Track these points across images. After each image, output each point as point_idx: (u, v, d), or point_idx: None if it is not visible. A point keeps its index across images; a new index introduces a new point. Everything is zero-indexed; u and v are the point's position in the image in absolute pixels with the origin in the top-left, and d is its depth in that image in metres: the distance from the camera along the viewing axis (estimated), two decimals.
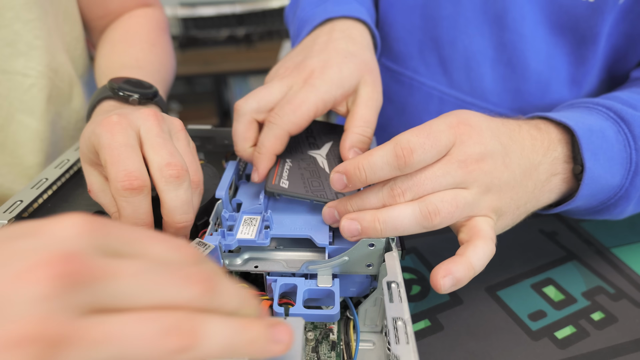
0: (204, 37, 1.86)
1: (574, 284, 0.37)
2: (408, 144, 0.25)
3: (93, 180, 0.29)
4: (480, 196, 0.27)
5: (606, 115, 0.33)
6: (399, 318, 0.22)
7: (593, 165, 0.30)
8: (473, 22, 0.47)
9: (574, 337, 0.33)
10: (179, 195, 0.27)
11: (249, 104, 0.33)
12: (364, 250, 0.27)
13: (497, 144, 0.28)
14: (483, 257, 0.26)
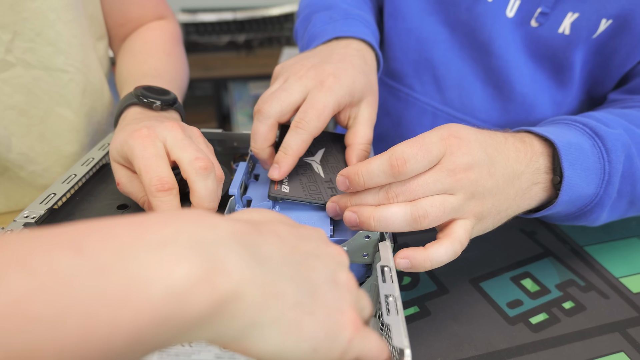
0: (205, 42, 1.90)
1: (549, 277, 0.41)
2: (402, 155, 0.28)
3: (121, 174, 0.34)
4: (465, 202, 0.30)
5: (582, 131, 0.36)
6: (390, 295, 0.26)
7: (571, 174, 0.33)
8: (465, 48, 0.52)
9: (546, 323, 0.36)
10: (207, 185, 0.30)
11: (273, 107, 0.35)
12: (361, 242, 0.31)
13: (483, 154, 0.31)
14: (443, 255, 0.30)
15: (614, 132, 0.36)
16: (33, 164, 0.48)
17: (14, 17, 0.42)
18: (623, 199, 0.37)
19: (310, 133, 0.35)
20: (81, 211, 0.34)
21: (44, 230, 0.15)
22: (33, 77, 0.45)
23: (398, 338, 0.23)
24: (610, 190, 0.35)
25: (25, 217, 0.32)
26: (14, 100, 0.44)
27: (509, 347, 0.34)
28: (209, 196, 0.31)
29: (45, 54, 0.45)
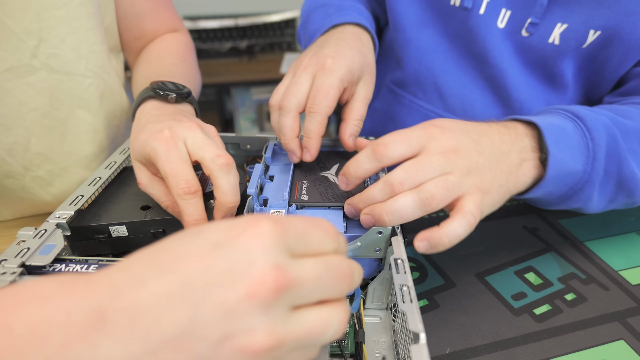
0: (208, 49, 1.92)
1: (551, 271, 0.43)
2: (382, 140, 0.32)
3: (142, 175, 0.35)
4: (464, 177, 0.31)
5: (564, 115, 0.39)
6: (404, 285, 0.27)
7: (556, 150, 0.34)
8: (463, 57, 0.55)
9: (549, 313, 0.38)
10: (230, 180, 0.32)
11: (291, 101, 0.39)
12: (374, 237, 0.33)
13: (467, 138, 0.33)
14: (458, 228, 0.30)
15: (595, 115, 0.38)
16: (51, 163, 0.50)
17: (39, 25, 0.44)
18: (611, 179, 0.38)
19: (323, 114, 0.39)
20: (107, 212, 0.36)
21: None
22: (56, 81, 0.47)
23: (413, 323, 0.25)
24: (596, 167, 0.36)
25: (57, 217, 0.34)
26: (37, 103, 0.47)
27: (515, 337, 0.36)
28: (231, 190, 0.32)
29: (68, 60, 0.47)
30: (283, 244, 0.19)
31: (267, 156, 0.44)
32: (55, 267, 0.30)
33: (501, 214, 0.51)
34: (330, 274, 0.20)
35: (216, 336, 0.17)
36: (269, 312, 0.18)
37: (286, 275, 0.18)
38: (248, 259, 0.18)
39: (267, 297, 0.17)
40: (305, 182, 0.39)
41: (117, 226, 0.35)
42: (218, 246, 0.18)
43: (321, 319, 0.20)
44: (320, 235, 0.21)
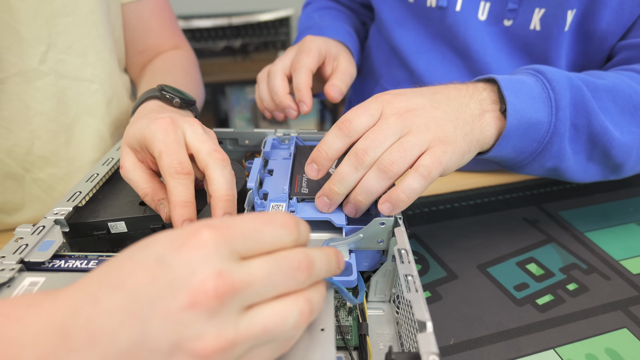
0: (201, 48, 1.91)
1: (552, 262, 0.43)
2: (346, 117, 0.33)
3: (127, 159, 0.34)
4: (423, 133, 0.32)
5: (526, 72, 0.39)
6: (409, 274, 0.27)
7: (514, 99, 0.34)
8: (447, 56, 0.56)
9: (552, 303, 0.38)
10: (225, 174, 0.32)
11: (277, 65, 0.48)
12: (376, 228, 0.33)
13: (420, 98, 0.34)
14: (412, 183, 0.31)
15: (558, 70, 0.37)
16: (54, 167, 0.50)
17: (49, 31, 0.44)
18: (581, 134, 0.38)
19: (306, 66, 0.46)
20: (105, 208, 0.36)
21: None
22: (63, 87, 0.47)
23: (420, 312, 0.24)
24: (561, 117, 0.36)
25: (55, 213, 0.33)
26: (44, 107, 0.47)
27: (518, 327, 0.36)
28: (226, 183, 0.32)
29: (75, 65, 0.48)
30: (227, 250, 0.19)
31: (266, 150, 0.43)
32: (54, 263, 0.30)
33: (501, 206, 0.51)
34: (282, 270, 0.20)
35: (166, 346, 0.18)
36: (214, 317, 0.18)
37: (228, 280, 0.19)
38: (189, 270, 0.19)
39: (210, 304, 0.18)
40: (305, 176, 0.39)
41: (116, 222, 0.35)
42: (161, 260, 0.19)
43: (276, 312, 0.20)
44: (274, 230, 0.21)
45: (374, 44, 0.66)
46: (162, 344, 0.18)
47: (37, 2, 0.43)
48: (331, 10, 0.66)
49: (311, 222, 0.36)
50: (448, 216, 0.49)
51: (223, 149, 0.48)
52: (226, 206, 0.32)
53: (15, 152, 0.47)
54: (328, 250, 0.24)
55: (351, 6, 0.70)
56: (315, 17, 0.63)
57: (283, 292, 0.21)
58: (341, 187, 0.33)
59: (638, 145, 0.40)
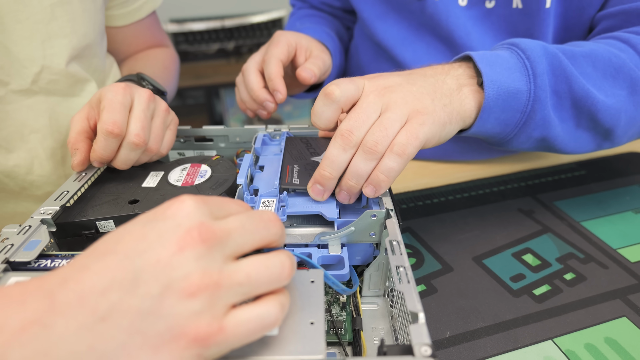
0: (195, 51, 1.91)
1: (549, 252, 0.43)
2: (331, 85, 0.33)
3: (79, 112, 0.39)
4: (401, 107, 0.32)
5: (501, 47, 0.39)
6: (401, 266, 0.27)
7: (490, 70, 0.34)
8: (432, 44, 0.56)
9: (549, 294, 0.38)
10: (129, 155, 0.38)
11: (249, 63, 0.51)
12: (368, 221, 0.32)
13: (397, 77, 0.35)
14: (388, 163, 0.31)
15: (531, 40, 0.37)
16: (52, 185, 0.50)
17: (44, 52, 0.45)
18: (565, 100, 0.37)
19: (276, 57, 0.48)
20: (93, 207, 0.35)
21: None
22: (53, 103, 0.48)
23: (411, 303, 0.24)
24: (540, 83, 0.35)
25: (42, 213, 0.32)
26: (38, 125, 0.47)
27: (515, 318, 0.35)
28: (124, 161, 0.38)
29: (67, 85, 0.48)
30: (206, 209, 0.22)
31: (256, 147, 0.43)
32: (40, 263, 0.29)
33: (496, 198, 0.51)
34: (254, 221, 0.23)
35: (157, 289, 0.19)
36: (201, 260, 0.20)
37: (210, 229, 0.20)
38: (175, 223, 0.20)
39: (196, 247, 0.20)
40: (295, 167, 0.38)
41: (104, 221, 0.34)
42: (148, 222, 0.21)
43: (258, 262, 0.21)
44: (236, 205, 0.24)
45: (359, 42, 0.66)
46: (153, 288, 0.19)
47: (34, 23, 0.44)
48: (312, 17, 0.67)
49: (302, 217, 0.36)
50: (443, 209, 0.49)
51: (214, 146, 0.48)
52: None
53: (15, 173, 0.47)
54: None
55: (333, 12, 0.71)
56: (297, 25, 0.64)
57: (260, 242, 0.23)
58: (332, 170, 0.33)
59: (626, 108, 0.39)
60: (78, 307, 0.18)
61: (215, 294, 0.20)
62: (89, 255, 0.20)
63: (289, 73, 0.54)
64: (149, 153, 0.40)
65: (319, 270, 0.27)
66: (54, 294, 0.18)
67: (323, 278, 0.26)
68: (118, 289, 0.19)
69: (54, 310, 0.18)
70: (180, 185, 0.39)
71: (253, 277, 0.21)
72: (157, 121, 0.40)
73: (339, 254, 0.32)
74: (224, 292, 0.20)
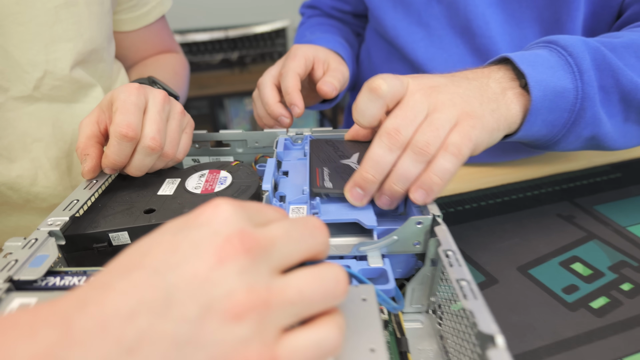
0: (199, 61, 1.89)
1: (598, 260, 0.39)
2: (377, 79, 0.30)
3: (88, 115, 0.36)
4: (450, 109, 0.30)
5: (536, 46, 0.36)
6: (463, 279, 0.23)
7: (533, 71, 0.32)
8: (446, 38, 0.53)
9: (608, 307, 0.34)
10: (144, 160, 0.35)
11: (265, 77, 0.48)
12: (412, 229, 0.29)
13: (441, 78, 0.32)
14: (443, 163, 0.28)
15: (569, 36, 0.35)
16: (58, 197, 0.47)
17: (46, 57, 0.42)
18: (612, 95, 0.35)
19: (293, 70, 0.45)
20: (106, 218, 0.32)
21: None
22: (56, 111, 0.45)
23: (485, 323, 0.20)
24: (587, 79, 0.33)
25: (49, 224, 0.29)
26: (41, 133, 0.44)
27: (577, 335, 0.32)
28: (139, 167, 0.35)
29: (70, 90, 0.45)
30: (245, 215, 0.19)
31: (279, 151, 0.40)
32: (48, 281, 0.25)
33: (531, 203, 0.47)
34: (299, 228, 0.19)
35: (195, 311, 0.16)
36: (245, 274, 0.17)
37: (252, 236, 0.18)
38: (211, 230, 0.17)
39: (239, 259, 0.17)
40: (325, 169, 0.35)
41: (118, 232, 0.31)
42: (179, 230, 0.18)
43: (311, 275, 0.18)
44: (275, 211, 0.21)
45: (371, 44, 0.64)
46: (190, 310, 0.16)
47: (37, 26, 0.41)
48: (322, 26, 0.65)
49: (337, 225, 0.32)
50: (476, 216, 0.46)
51: (231, 152, 0.45)
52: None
53: (19, 184, 0.44)
54: None
55: (343, 18, 0.69)
56: (307, 35, 0.63)
57: (307, 251, 0.20)
58: (376, 172, 0.29)
59: None
60: (100, 336, 0.15)
61: (265, 315, 0.16)
62: (111, 271, 0.17)
63: (305, 86, 0.52)
64: (165, 158, 0.37)
65: (368, 286, 0.23)
66: (70, 321, 0.15)
67: (375, 295, 0.23)
68: (147, 312, 0.15)
69: (71, 340, 0.15)
70: (200, 193, 0.35)
71: (306, 293, 0.18)
72: (173, 124, 0.37)
73: (381, 267, 0.29)
74: (274, 312, 0.17)
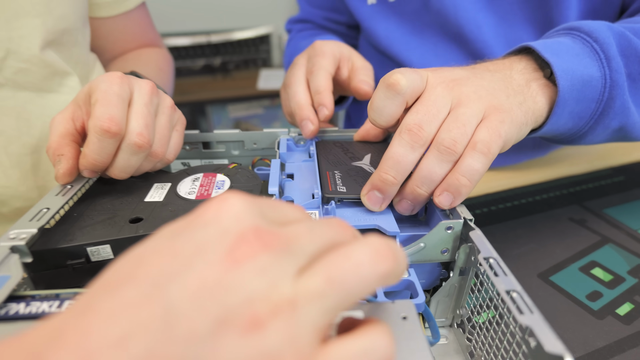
0: (180, 66, 1.84)
1: (617, 264, 0.38)
2: (395, 74, 0.27)
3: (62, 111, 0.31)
4: (476, 102, 0.27)
5: (557, 34, 0.35)
6: (512, 290, 0.21)
7: (558, 60, 0.30)
8: (440, 45, 0.52)
9: (634, 313, 0.32)
10: (130, 160, 0.30)
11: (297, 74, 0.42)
12: (442, 234, 0.26)
13: (462, 70, 0.30)
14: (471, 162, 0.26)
15: (592, 22, 0.34)
16: (20, 199, 0.41)
17: (9, 34, 0.37)
18: (639, 82, 0.34)
19: (325, 69, 0.40)
20: (82, 229, 0.27)
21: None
22: (23, 100, 0.39)
23: (550, 342, 0.18)
24: (614, 66, 0.32)
25: (12, 238, 0.24)
26: (2, 125, 0.39)
27: (608, 344, 0.30)
28: (123, 168, 0.31)
29: (40, 76, 0.40)
30: (258, 210, 0.16)
31: (282, 152, 0.37)
32: (9, 309, 0.20)
33: (542, 207, 0.46)
34: (321, 225, 0.16)
35: (207, 325, 0.13)
36: (266, 274, 0.14)
37: (270, 230, 0.15)
38: (220, 229, 0.14)
39: (258, 258, 0.14)
40: (337, 173, 0.32)
41: (98, 246, 0.26)
42: (179, 234, 0.15)
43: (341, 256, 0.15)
44: (294, 209, 0.18)
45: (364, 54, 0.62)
46: (201, 324, 0.12)
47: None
48: (320, 35, 0.62)
49: None
50: (488, 221, 0.44)
51: (226, 154, 0.41)
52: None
53: None
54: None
55: (337, 30, 0.66)
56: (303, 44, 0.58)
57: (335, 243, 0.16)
58: (397, 173, 0.27)
59: None
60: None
61: (293, 318, 0.13)
62: (96, 290, 0.14)
63: None
64: (153, 158, 0.33)
65: (407, 302, 0.20)
66: (42, 355, 0.12)
67: (416, 312, 0.20)
68: (145, 334, 0.12)
69: None
70: (195, 199, 0.32)
71: (336, 278, 0.14)
72: (163, 119, 0.33)
73: (406, 278, 0.26)
74: (304, 311, 0.13)
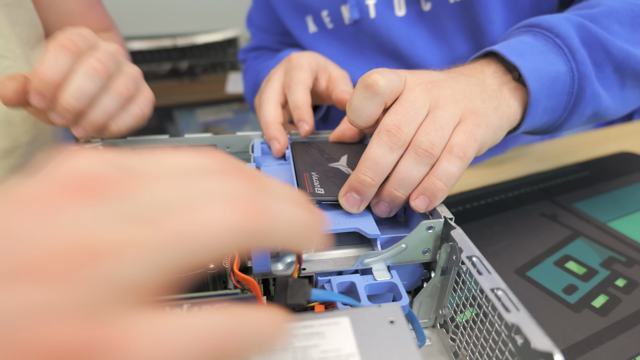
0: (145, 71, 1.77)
1: (589, 257, 0.39)
2: (374, 74, 0.27)
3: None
4: (453, 106, 0.28)
5: (518, 32, 0.36)
6: (497, 288, 0.20)
7: (524, 61, 0.31)
8: (381, 63, 0.54)
9: (609, 304, 0.33)
10: (85, 84, 0.29)
11: (269, 92, 0.39)
12: (423, 235, 0.26)
13: (439, 74, 0.30)
14: (448, 167, 0.26)
15: (549, 16, 0.35)
16: None
17: None
18: (606, 68, 0.35)
19: (301, 82, 0.38)
20: None
21: None
22: None
23: (537, 339, 0.17)
24: (579, 58, 0.33)
25: None
26: None
27: (587, 337, 0.30)
28: (75, 89, 0.29)
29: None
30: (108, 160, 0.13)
31: (256, 156, 0.35)
32: None
33: (514, 203, 0.47)
34: (203, 173, 0.13)
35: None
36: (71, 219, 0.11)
37: (105, 177, 0.12)
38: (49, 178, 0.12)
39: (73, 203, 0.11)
40: (314, 174, 0.32)
41: None
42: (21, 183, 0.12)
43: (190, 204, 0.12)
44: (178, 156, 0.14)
45: None
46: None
47: None
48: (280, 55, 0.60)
49: (333, 236, 0.28)
50: (464, 219, 0.44)
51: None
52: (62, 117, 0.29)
53: None
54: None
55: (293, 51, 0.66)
56: (264, 68, 0.55)
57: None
58: (375, 175, 0.26)
59: None
60: None
61: (85, 271, 0.10)
62: None
63: None
64: (91, 122, 0.31)
65: (394, 305, 0.20)
66: None
67: (403, 314, 0.19)
68: None
69: None
70: None
71: (185, 232, 0.11)
72: (121, 79, 0.32)
73: (389, 280, 0.25)
74: (108, 265, 0.11)
